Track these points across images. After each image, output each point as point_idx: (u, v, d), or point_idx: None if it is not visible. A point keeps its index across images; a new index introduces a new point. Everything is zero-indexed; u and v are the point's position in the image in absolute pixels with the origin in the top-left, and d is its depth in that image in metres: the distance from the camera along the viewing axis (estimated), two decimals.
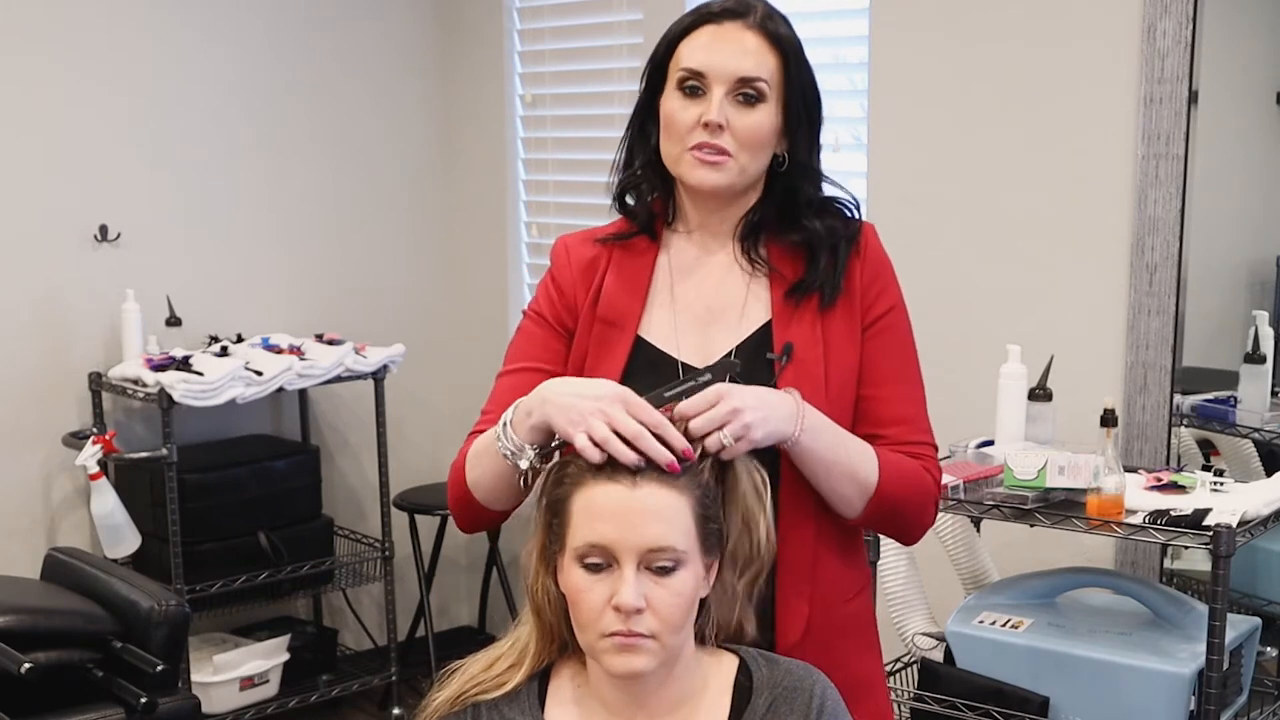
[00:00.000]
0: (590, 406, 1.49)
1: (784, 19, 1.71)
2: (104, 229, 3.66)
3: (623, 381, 1.61)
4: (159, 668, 2.75)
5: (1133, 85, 2.76)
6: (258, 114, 3.91)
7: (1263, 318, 2.78)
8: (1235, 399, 2.79)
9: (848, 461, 1.63)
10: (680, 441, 1.48)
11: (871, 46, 3.18)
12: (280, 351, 3.68)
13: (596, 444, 1.46)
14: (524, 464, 1.56)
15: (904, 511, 1.70)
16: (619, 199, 1.80)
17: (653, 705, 1.51)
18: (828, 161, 1.79)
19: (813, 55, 1.73)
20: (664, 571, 1.44)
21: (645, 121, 1.76)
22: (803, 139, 1.72)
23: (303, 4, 3.97)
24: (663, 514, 1.44)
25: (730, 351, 1.71)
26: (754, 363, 1.68)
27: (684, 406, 1.52)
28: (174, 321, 3.67)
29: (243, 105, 3.88)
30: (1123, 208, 2.80)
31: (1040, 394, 2.64)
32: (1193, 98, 2.68)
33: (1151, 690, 2.28)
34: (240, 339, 3.76)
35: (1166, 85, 2.70)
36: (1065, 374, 2.67)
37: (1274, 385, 2.77)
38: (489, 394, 1.76)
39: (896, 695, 2.65)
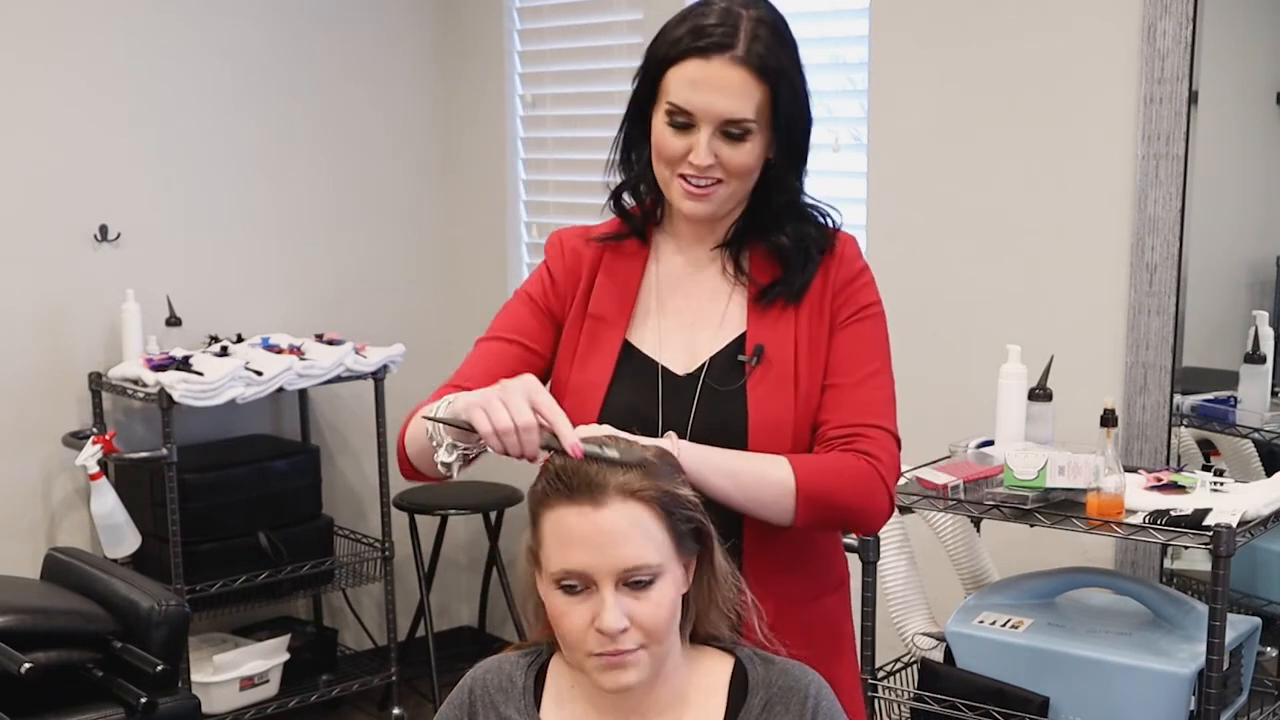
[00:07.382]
0: (495, 391, 1.51)
1: (773, 32, 1.68)
2: (104, 229, 3.66)
3: (610, 383, 1.70)
4: (159, 668, 2.76)
5: (1133, 85, 2.76)
6: (258, 114, 3.91)
7: (1263, 318, 2.78)
8: (1235, 399, 2.79)
9: (751, 470, 1.63)
10: (571, 437, 1.47)
11: (871, 46, 3.17)
12: (280, 351, 3.68)
13: (495, 432, 1.49)
14: (440, 455, 1.59)
15: (842, 501, 1.67)
16: (615, 199, 1.82)
17: (646, 706, 1.51)
18: (827, 162, 1.79)
19: (812, 55, 1.73)
20: (642, 585, 1.43)
21: (638, 126, 1.76)
22: (786, 151, 1.73)
23: (303, 4, 3.97)
24: (631, 532, 1.43)
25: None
26: (729, 366, 1.72)
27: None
28: (174, 321, 3.67)
29: (243, 105, 3.88)
30: (1123, 208, 2.80)
31: (1040, 394, 2.63)
32: (1193, 98, 2.68)
33: (1151, 690, 2.28)
34: (240, 339, 3.76)
35: (1166, 85, 2.70)
36: (1065, 374, 2.67)
37: (1274, 385, 2.77)
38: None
39: (896, 695, 2.66)
